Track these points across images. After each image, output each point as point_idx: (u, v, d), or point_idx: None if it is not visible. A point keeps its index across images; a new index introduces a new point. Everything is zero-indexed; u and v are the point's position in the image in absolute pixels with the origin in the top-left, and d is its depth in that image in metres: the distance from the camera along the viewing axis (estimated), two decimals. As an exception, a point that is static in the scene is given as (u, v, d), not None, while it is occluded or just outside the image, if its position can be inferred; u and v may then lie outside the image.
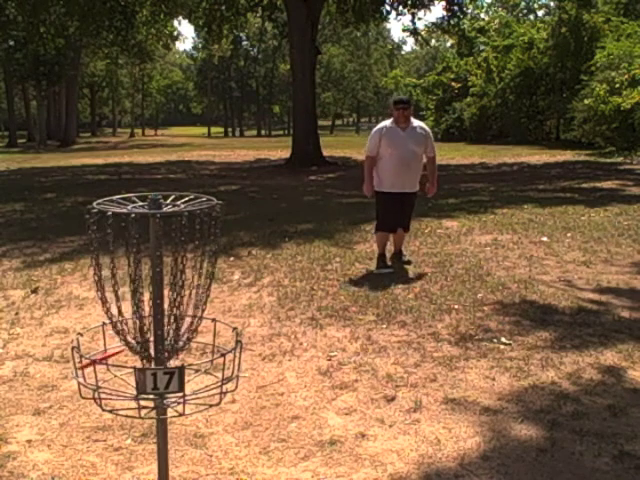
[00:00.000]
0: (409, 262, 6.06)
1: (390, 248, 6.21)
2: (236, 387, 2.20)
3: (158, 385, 1.91)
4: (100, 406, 2.03)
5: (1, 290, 5.38)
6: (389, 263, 6.01)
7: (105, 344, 2.19)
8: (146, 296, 2.03)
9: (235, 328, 2.34)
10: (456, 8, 23.60)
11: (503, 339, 4.04)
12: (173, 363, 2.09)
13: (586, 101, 20.68)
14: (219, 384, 1.99)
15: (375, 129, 5.86)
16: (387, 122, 5.81)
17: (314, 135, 19.51)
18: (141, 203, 1.99)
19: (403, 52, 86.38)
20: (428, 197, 6.16)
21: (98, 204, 1.94)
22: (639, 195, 10.79)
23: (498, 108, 30.66)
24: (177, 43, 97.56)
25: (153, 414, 2.05)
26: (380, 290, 5.19)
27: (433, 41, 60.27)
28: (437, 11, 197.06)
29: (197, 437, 2.90)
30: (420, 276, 5.64)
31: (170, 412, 2.09)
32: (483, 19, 42.71)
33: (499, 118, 31.12)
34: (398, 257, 6.13)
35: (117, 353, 2.12)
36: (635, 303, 4.79)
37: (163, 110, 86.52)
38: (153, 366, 2.03)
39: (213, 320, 2.23)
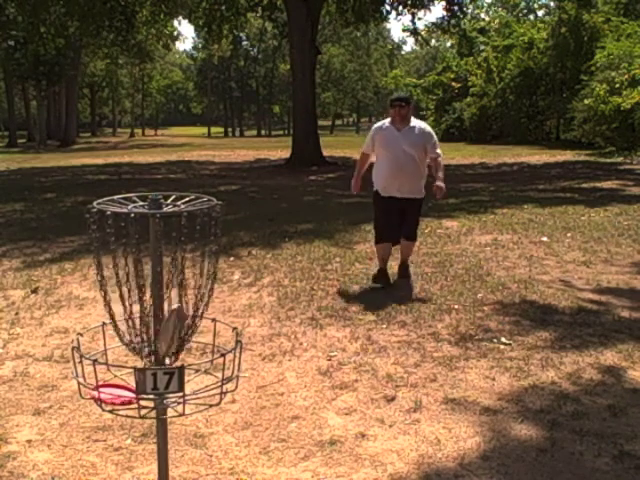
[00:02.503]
0: (408, 276, 5.52)
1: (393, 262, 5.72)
2: (236, 387, 2.20)
3: (158, 385, 1.91)
4: (100, 406, 2.03)
5: (1, 290, 5.38)
6: (388, 280, 5.45)
7: (105, 344, 2.19)
8: (146, 296, 2.03)
9: (235, 328, 2.33)
10: (456, 8, 23.62)
11: (503, 339, 4.04)
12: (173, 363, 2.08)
13: (586, 101, 20.70)
14: (219, 384, 1.99)
15: (374, 126, 5.56)
16: (386, 120, 5.47)
17: (314, 135, 19.51)
18: (141, 203, 1.99)
19: (403, 52, 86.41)
20: (437, 199, 5.43)
21: (98, 204, 1.94)
22: (639, 195, 10.79)
23: (498, 108, 30.68)
24: (177, 43, 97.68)
25: (153, 414, 2.05)
26: (380, 290, 5.19)
27: (433, 41, 60.31)
28: (437, 11, 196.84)
29: (197, 437, 2.90)
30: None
31: (170, 412, 2.09)
32: (483, 19, 42.77)
33: (499, 118, 31.13)
34: (403, 270, 5.58)
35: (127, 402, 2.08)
36: (635, 303, 4.79)
37: (163, 110, 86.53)
38: (153, 366, 2.02)
39: (213, 320, 2.22)
